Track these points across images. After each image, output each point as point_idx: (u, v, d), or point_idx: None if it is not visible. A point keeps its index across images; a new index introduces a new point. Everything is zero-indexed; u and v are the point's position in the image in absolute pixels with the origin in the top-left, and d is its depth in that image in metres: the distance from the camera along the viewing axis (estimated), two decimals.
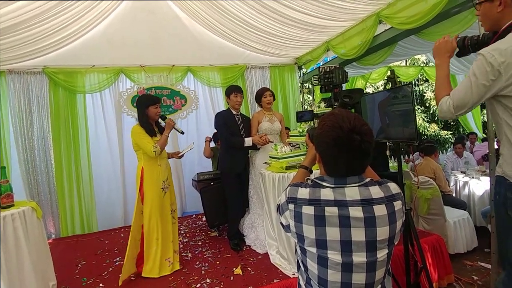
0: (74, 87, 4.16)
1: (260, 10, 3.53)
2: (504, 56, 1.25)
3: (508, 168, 1.37)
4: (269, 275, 2.44)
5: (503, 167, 1.40)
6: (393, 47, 3.70)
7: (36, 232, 2.21)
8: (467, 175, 4.08)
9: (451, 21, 2.93)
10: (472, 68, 1.35)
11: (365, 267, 0.96)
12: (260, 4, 3.41)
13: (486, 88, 1.31)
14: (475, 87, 1.33)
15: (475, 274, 2.91)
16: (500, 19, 1.37)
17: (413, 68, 6.73)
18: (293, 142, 2.92)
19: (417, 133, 2.03)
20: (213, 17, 3.94)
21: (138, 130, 2.60)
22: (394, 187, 1.03)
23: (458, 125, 8.24)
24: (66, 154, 4.11)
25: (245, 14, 3.69)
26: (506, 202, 1.40)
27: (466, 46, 1.52)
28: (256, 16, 3.70)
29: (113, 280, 2.62)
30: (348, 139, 0.96)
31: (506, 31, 1.34)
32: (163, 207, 2.67)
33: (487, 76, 1.29)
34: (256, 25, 3.90)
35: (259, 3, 3.40)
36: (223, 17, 3.85)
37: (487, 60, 1.28)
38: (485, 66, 1.29)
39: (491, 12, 1.39)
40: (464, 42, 1.53)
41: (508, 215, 1.40)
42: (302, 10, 3.42)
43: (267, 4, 3.39)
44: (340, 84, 2.04)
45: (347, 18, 3.55)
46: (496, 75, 1.28)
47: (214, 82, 4.89)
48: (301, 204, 1.02)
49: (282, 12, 3.51)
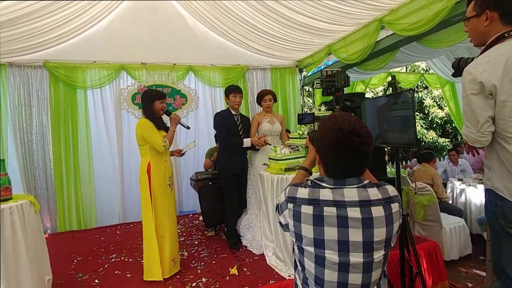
0: (74, 82, 4.16)
1: (263, 11, 3.56)
2: (485, 66, 1.31)
3: (498, 182, 1.39)
4: (264, 276, 2.44)
5: (492, 181, 1.42)
6: (394, 53, 3.73)
7: (33, 226, 2.20)
8: (464, 183, 4.10)
9: (452, 29, 2.96)
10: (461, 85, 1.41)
11: (361, 267, 0.98)
12: (263, 5, 3.43)
13: (477, 96, 1.35)
14: (470, 100, 1.37)
15: (469, 281, 2.92)
16: (486, 34, 1.41)
17: (413, 75, 6.77)
18: (292, 144, 2.93)
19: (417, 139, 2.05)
20: (216, 17, 3.96)
21: (147, 124, 2.51)
22: (392, 189, 1.05)
23: (456, 133, 8.28)
24: (65, 150, 4.10)
25: (248, 15, 3.72)
26: (496, 210, 1.42)
27: (461, 67, 1.58)
28: (259, 18, 3.72)
29: (108, 277, 2.62)
30: (348, 141, 0.98)
31: (491, 44, 1.38)
32: (169, 204, 2.61)
33: (471, 85, 1.34)
34: (259, 27, 3.92)
35: (262, 5, 3.42)
36: (226, 17, 3.87)
37: (469, 71, 1.35)
38: (466, 77, 1.35)
39: (478, 27, 1.43)
40: (460, 63, 1.59)
41: (499, 223, 1.42)
42: (306, 13, 3.44)
43: (270, 6, 3.41)
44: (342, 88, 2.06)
45: (350, 23, 3.58)
46: (478, 85, 1.32)
47: (215, 82, 4.90)
48: (300, 204, 1.03)
49: (285, 15, 3.53)
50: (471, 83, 1.34)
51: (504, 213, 1.39)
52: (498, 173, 1.40)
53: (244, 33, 4.16)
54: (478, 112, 1.34)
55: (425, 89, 8.55)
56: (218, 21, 4.04)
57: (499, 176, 1.39)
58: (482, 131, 1.35)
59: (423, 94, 8.55)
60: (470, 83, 1.35)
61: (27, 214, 2.13)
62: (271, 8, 3.45)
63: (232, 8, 3.63)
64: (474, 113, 1.36)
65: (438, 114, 8.32)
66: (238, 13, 3.71)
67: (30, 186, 3.94)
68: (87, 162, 4.21)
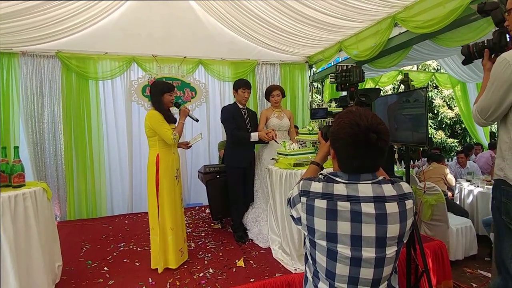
0: (86, 73, 4.20)
1: (275, 5, 3.53)
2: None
3: (510, 172, 1.40)
4: (271, 269, 2.46)
5: (505, 171, 1.43)
6: (407, 50, 3.69)
7: (46, 213, 2.24)
8: (472, 184, 4.07)
9: (467, 28, 2.93)
10: (492, 71, 1.39)
11: (373, 262, 0.98)
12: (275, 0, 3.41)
13: (501, 92, 1.34)
14: (492, 91, 1.37)
15: (474, 282, 2.92)
16: None
17: (424, 74, 6.69)
18: (301, 140, 2.93)
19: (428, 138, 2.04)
20: (227, 11, 3.95)
21: (157, 115, 2.51)
22: (406, 186, 1.05)
23: (465, 134, 8.19)
24: (76, 139, 4.17)
25: (259, 9, 3.70)
26: (500, 207, 1.44)
27: (472, 53, 1.56)
28: (270, 12, 3.70)
29: (117, 264, 2.67)
30: (364, 137, 0.98)
31: None
32: (175, 196, 2.62)
33: (503, 78, 1.33)
34: (270, 21, 3.91)
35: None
36: (237, 11, 3.85)
37: (504, 65, 1.31)
38: (507, 69, 1.32)
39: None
40: (469, 49, 1.56)
41: (502, 219, 1.44)
42: (317, 8, 3.42)
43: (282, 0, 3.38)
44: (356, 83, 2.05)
45: (362, 19, 3.54)
46: (510, 80, 1.30)
47: (224, 76, 4.90)
48: (314, 198, 1.03)
49: (297, 9, 3.51)
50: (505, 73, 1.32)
51: (507, 210, 1.41)
52: (511, 163, 1.40)
53: (254, 27, 4.15)
54: (493, 102, 1.39)
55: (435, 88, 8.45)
56: (229, 14, 4.03)
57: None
58: (488, 120, 1.46)
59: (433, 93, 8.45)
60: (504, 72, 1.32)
61: (40, 200, 2.18)
62: (283, 3, 3.43)
63: (243, 2, 3.62)
64: (489, 101, 1.40)
65: (447, 114, 8.24)
66: (249, 7, 3.69)
67: (40, 174, 4.01)
68: (97, 152, 4.27)
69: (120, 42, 4.18)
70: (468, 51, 1.57)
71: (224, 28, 4.39)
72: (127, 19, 3.99)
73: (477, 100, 1.48)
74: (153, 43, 4.30)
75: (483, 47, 1.51)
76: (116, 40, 4.14)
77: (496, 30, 1.47)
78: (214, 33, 4.42)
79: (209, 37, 4.44)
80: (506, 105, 1.36)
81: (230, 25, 4.26)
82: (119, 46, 4.23)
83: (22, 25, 3.38)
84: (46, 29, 3.63)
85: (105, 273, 2.51)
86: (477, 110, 1.47)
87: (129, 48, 4.29)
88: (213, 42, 4.51)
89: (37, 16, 3.33)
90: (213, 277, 2.39)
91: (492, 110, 1.41)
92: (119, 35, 4.11)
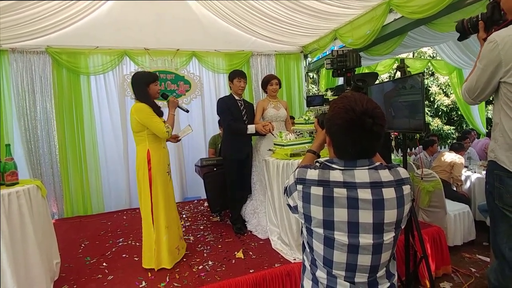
0: (77, 68, 4.13)
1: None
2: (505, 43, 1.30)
3: (501, 154, 1.42)
4: (270, 259, 2.47)
5: (496, 152, 1.45)
6: (402, 37, 3.64)
7: (41, 210, 2.22)
8: (469, 169, 4.08)
9: (462, 12, 2.88)
10: (481, 51, 1.40)
11: (371, 249, 0.97)
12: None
13: (488, 72, 1.36)
14: (480, 71, 1.40)
15: (473, 266, 2.94)
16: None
17: (420, 61, 6.65)
18: (297, 130, 2.91)
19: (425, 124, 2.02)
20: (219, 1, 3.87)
21: (146, 108, 2.34)
22: (403, 171, 1.03)
23: (461, 121, 8.20)
24: (70, 135, 4.12)
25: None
26: (493, 192, 1.46)
27: (466, 29, 1.55)
28: (264, 1, 3.63)
29: (116, 260, 2.66)
30: (360, 122, 0.96)
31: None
32: (169, 193, 2.54)
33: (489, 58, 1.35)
34: (263, 10, 3.84)
35: None
36: (229, 1, 3.78)
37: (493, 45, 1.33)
38: (489, 50, 1.35)
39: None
40: (463, 24, 1.55)
41: (495, 204, 1.45)
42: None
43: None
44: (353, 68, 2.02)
45: (357, 6, 3.50)
46: (497, 61, 1.33)
47: (219, 68, 4.85)
48: (310, 185, 1.02)
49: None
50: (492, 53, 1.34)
51: (500, 195, 1.42)
52: (502, 145, 1.42)
53: (248, 17, 4.08)
54: (481, 81, 1.41)
55: (431, 76, 8.43)
56: (221, 5, 3.95)
57: (503, 148, 1.42)
58: (476, 100, 1.50)
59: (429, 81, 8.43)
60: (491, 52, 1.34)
61: (34, 198, 2.15)
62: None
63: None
64: (476, 81, 1.43)
65: (444, 102, 8.23)
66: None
67: (36, 172, 3.97)
68: (92, 148, 4.23)
69: (111, 36, 4.10)
70: (462, 27, 1.56)
71: (217, 19, 4.31)
72: (118, 12, 3.89)
73: (467, 78, 1.49)
74: (144, 36, 4.23)
75: (477, 21, 1.50)
76: (106, 33, 4.06)
77: (490, 3, 1.46)
78: (207, 25, 4.33)
79: (202, 29, 4.36)
80: (493, 85, 1.39)
81: (223, 15, 4.19)
82: (110, 40, 4.15)
83: (10, 21, 3.30)
84: (34, 24, 3.54)
85: (104, 269, 2.51)
86: (465, 89, 1.49)
87: (120, 41, 4.21)
88: (206, 33, 4.44)
89: (25, 11, 3.25)
90: (212, 269, 2.39)
91: (480, 90, 1.43)
92: (109, 29, 4.02)
